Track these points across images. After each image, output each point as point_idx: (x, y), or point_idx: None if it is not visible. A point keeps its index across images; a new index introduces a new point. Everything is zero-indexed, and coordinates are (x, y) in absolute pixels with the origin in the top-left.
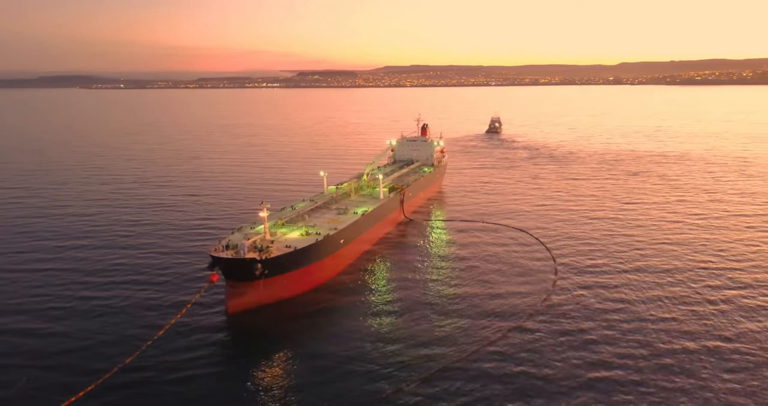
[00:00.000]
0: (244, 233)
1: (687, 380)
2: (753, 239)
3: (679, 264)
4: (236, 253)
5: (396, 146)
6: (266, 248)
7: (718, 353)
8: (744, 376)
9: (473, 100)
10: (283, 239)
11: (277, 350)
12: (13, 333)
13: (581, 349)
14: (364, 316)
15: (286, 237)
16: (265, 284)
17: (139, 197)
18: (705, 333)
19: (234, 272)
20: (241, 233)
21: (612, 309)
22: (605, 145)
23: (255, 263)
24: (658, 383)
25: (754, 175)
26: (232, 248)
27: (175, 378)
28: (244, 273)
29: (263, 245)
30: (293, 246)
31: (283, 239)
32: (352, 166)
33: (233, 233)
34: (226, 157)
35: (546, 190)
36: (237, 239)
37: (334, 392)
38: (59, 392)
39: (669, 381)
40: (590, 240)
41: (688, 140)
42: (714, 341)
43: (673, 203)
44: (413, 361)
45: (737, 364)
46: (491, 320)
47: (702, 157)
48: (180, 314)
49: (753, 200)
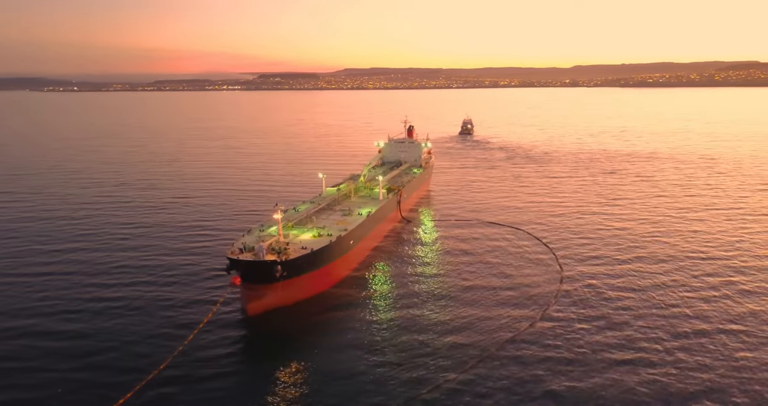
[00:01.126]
0: (257, 235)
1: (704, 355)
2: (733, 230)
3: (673, 252)
4: (255, 255)
5: (384, 148)
6: (284, 250)
7: (726, 332)
8: (751, 353)
9: (439, 103)
10: (297, 241)
11: (305, 348)
12: (35, 336)
13: (611, 330)
14: (385, 311)
15: (300, 239)
16: (283, 286)
17: (126, 200)
18: (712, 313)
19: (254, 275)
20: (252, 235)
21: (623, 296)
22: (577, 145)
23: (275, 265)
24: (681, 359)
25: (723, 172)
26: (248, 251)
27: (209, 379)
28: (264, 275)
29: (280, 246)
30: (309, 247)
31: (297, 241)
32: (338, 167)
33: (244, 235)
34: (207, 160)
35: (531, 188)
36: (250, 241)
37: (370, 389)
38: (99, 396)
39: (690, 356)
40: (584, 234)
41: (653, 140)
42: (721, 321)
43: (653, 198)
44: (448, 353)
45: (744, 340)
46: (513, 310)
47: (671, 156)
48: (208, 317)
49: (727, 194)
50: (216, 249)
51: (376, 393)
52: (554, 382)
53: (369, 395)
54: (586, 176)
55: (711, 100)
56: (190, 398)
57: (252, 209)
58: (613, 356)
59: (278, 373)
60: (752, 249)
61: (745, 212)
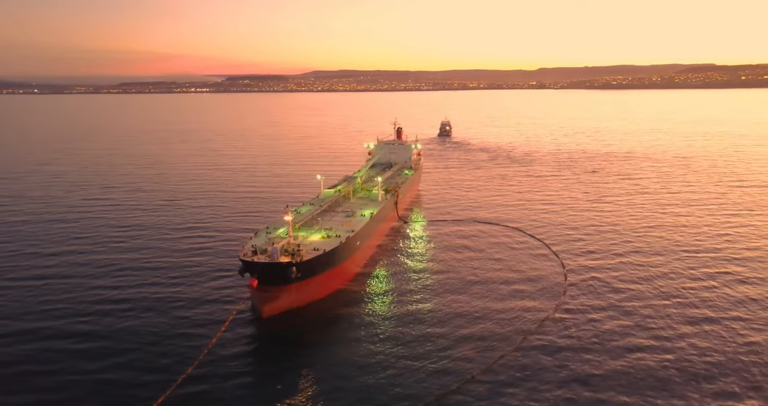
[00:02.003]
0: (267, 237)
1: (712, 337)
2: (719, 223)
3: (665, 244)
4: (269, 257)
5: (374, 149)
6: (297, 252)
7: (726, 316)
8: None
9: (412, 105)
10: (307, 242)
11: (326, 346)
12: (51, 338)
13: (623, 318)
14: (398, 306)
15: (310, 240)
16: (297, 287)
17: (115, 202)
18: (710, 298)
19: (269, 277)
20: (260, 238)
21: (627, 287)
22: (555, 145)
23: (290, 266)
24: (690, 341)
25: (698, 170)
26: (261, 253)
27: (234, 378)
28: (279, 277)
29: (293, 248)
30: (322, 248)
31: (308, 242)
32: (324, 169)
33: (252, 237)
34: (189, 162)
35: (519, 187)
36: (260, 243)
37: (400, 383)
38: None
39: (699, 338)
40: (578, 230)
41: (627, 140)
42: (720, 305)
43: (637, 195)
44: (473, 346)
45: (744, 324)
46: (528, 302)
47: (646, 156)
48: (228, 320)
49: (705, 191)
50: (219, 250)
51: (407, 387)
52: (581, 369)
53: (399, 388)
54: (570, 176)
55: (674, 102)
56: (222, 397)
57: (246, 210)
58: (629, 341)
59: (302, 371)
60: (738, 240)
61: (727, 206)
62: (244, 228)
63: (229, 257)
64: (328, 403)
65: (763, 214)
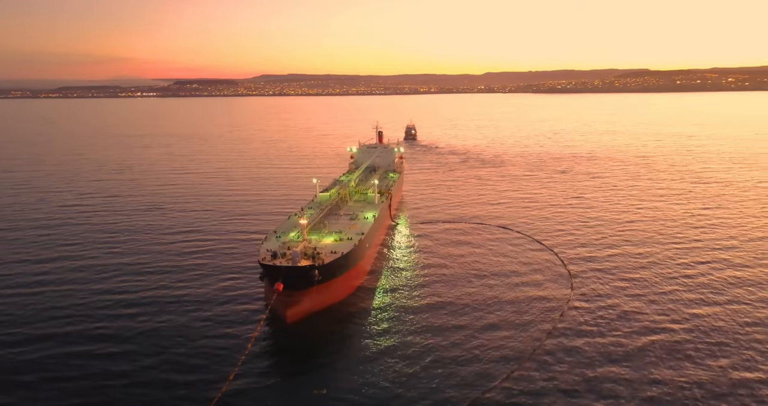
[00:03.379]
0: (279, 241)
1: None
2: (693, 215)
3: (651, 235)
4: (291, 261)
5: (357, 153)
6: (317, 255)
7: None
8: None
9: (370, 109)
10: (322, 245)
11: (351, 349)
12: (69, 343)
13: (635, 299)
14: (415, 306)
15: (324, 243)
16: (317, 291)
17: (96, 208)
18: (707, 283)
19: (293, 281)
20: (271, 242)
21: (630, 275)
22: (520, 148)
23: (314, 269)
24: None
25: (661, 169)
26: (281, 257)
27: (274, 385)
28: (303, 281)
29: (312, 251)
30: (339, 251)
31: (323, 245)
32: (303, 171)
33: (263, 242)
34: (159, 168)
35: (497, 188)
36: (274, 247)
37: (430, 391)
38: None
39: (707, 323)
40: (567, 226)
41: (587, 141)
42: (715, 289)
43: (609, 191)
44: (498, 344)
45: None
46: (539, 299)
47: (608, 156)
48: (259, 326)
49: (671, 188)
50: (221, 253)
51: (437, 391)
52: (614, 350)
53: (433, 392)
54: (543, 175)
55: (618, 105)
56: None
57: (237, 213)
58: (645, 318)
59: (336, 372)
60: (714, 230)
61: (695, 200)
62: (238, 230)
63: (233, 259)
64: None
65: (728, 207)
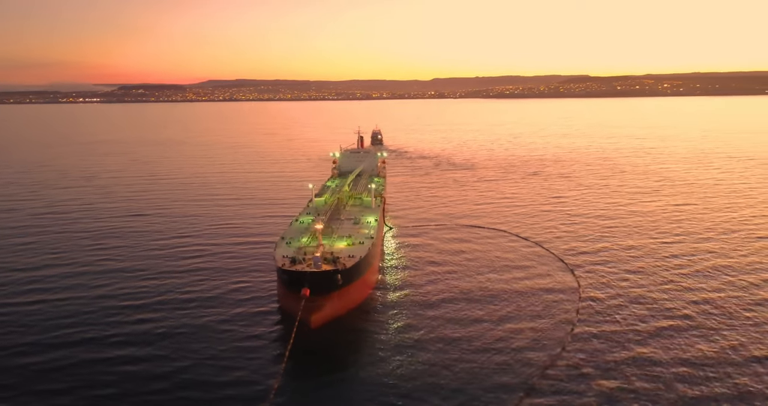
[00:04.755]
0: (294, 247)
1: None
2: (672, 209)
3: (643, 228)
4: (314, 266)
5: (340, 158)
6: (337, 260)
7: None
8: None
9: (327, 114)
10: (338, 250)
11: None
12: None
13: (643, 289)
14: (432, 310)
15: (339, 248)
16: (338, 295)
17: (71, 217)
18: (707, 272)
19: (318, 286)
20: (283, 248)
21: (635, 267)
22: (486, 151)
23: (337, 274)
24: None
25: (626, 171)
26: (299, 262)
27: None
28: (327, 286)
29: (332, 256)
30: (357, 255)
31: (339, 250)
32: (273, 177)
33: (275, 248)
34: (129, 175)
35: (477, 191)
36: (289, 253)
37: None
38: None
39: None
40: (555, 225)
41: (548, 144)
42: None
43: (585, 190)
44: (518, 347)
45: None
46: (550, 299)
47: (572, 158)
48: (292, 337)
49: (639, 186)
50: (219, 256)
51: (488, 377)
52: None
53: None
54: (517, 178)
55: (568, 109)
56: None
57: (221, 218)
58: (653, 325)
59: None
60: (689, 222)
61: (669, 196)
62: (229, 234)
63: (232, 261)
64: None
65: (697, 203)
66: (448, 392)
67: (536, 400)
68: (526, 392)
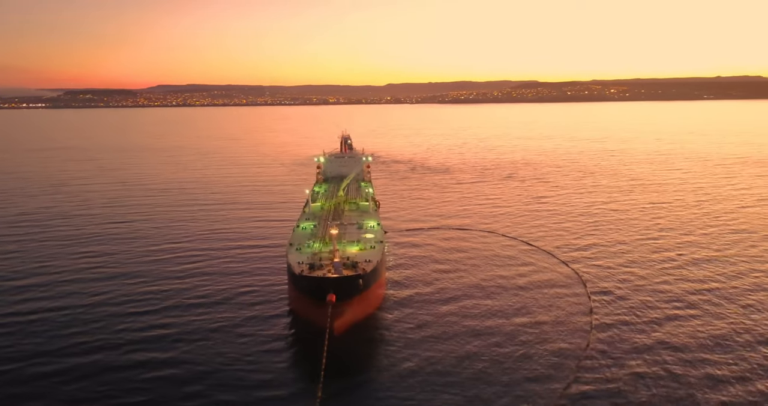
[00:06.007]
0: (308, 253)
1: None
2: (643, 209)
3: (618, 223)
4: (336, 271)
5: (324, 163)
6: (357, 264)
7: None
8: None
9: (292, 119)
10: (354, 255)
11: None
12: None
13: (647, 281)
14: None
15: (353, 253)
16: (358, 301)
17: (50, 226)
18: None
19: (342, 292)
20: (295, 254)
21: (633, 261)
22: (458, 155)
23: (359, 279)
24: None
25: (594, 172)
26: (318, 268)
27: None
28: (350, 291)
29: (351, 261)
30: (375, 260)
31: (354, 255)
32: (252, 184)
33: (288, 255)
34: (98, 182)
35: (459, 194)
36: (303, 259)
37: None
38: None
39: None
40: (544, 223)
41: (515, 148)
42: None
43: (564, 191)
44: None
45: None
46: (562, 288)
47: (542, 162)
48: (326, 344)
49: (608, 186)
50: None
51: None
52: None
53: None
54: (495, 181)
55: (524, 114)
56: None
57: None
58: (663, 310)
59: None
60: (672, 217)
61: (644, 193)
62: (217, 238)
63: (232, 263)
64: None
65: (670, 201)
66: (493, 385)
67: (582, 387)
68: (568, 384)
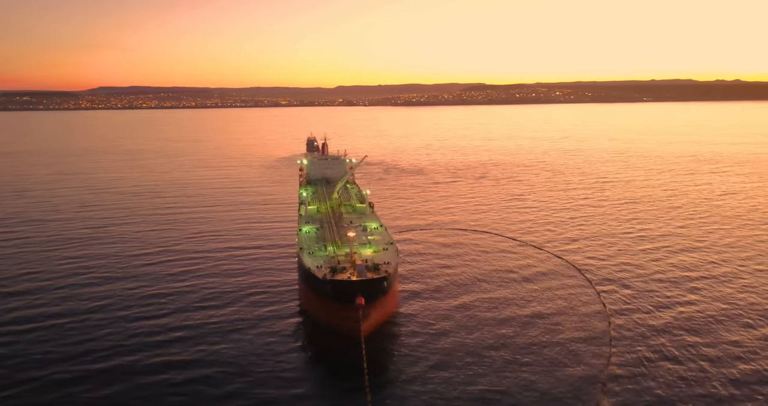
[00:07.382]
0: (323, 257)
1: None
2: (619, 204)
3: (613, 218)
4: (359, 274)
5: (308, 166)
6: (379, 267)
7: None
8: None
9: (249, 122)
10: (369, 257)
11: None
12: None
13: (649, 269)
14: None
15: (369, 255)
16: (381, 302)
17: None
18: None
19: (369, 294)
20: (308, 259)
21: (628, 250)
22: (426, 156)
23: (384, 280)
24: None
25: (561, 172)
26: (341, 272)
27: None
28: (376, 293)
29: (371, 264)
30: (393, 262)
31: (370, 257)
32: (227, 186)
33: (303, 259)
34: (62, 188)
35: (440, 194)
36: (320, 262)
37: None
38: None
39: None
40: (534, 220)
41: (477, 151)
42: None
43: (539, 189)
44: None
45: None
46: (568, 280)
47: (510, 162)
48: (363, 349)
49: (584, 181)
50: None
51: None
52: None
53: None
54: (469, 181)
55: (480, 116)
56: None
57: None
58: (671, 298)
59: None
60: (653, 211)
61: (615, 189)
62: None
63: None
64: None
65: (643, 195)
66: (531, 387)
67: (616, 387)
68: (603, 382)
